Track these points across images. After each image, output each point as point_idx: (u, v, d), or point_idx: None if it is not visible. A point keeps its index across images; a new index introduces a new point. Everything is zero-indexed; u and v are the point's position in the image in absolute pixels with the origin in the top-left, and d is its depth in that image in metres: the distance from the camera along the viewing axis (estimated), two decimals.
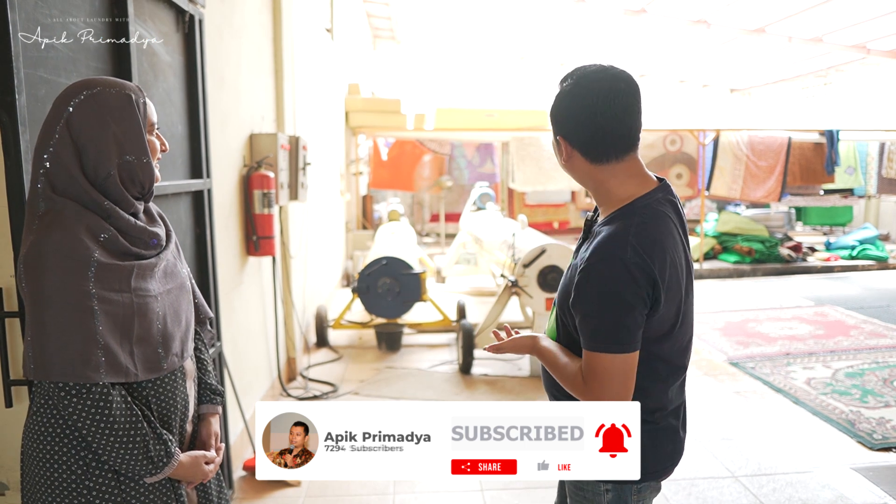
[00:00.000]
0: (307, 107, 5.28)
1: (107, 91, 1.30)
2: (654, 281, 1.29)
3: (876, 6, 8.54)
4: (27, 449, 1.29)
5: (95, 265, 1.22)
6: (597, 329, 1.30)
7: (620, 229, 1.31)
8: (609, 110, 1.32)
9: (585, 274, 1.30)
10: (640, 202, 1.36)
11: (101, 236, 1.25)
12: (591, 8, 9.64)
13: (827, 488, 3.04)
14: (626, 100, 1.33)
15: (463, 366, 4.67)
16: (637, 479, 1.32)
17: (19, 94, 1.47)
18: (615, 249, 1.28)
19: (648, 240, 1.30)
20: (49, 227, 1.22)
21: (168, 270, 1.41)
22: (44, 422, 1.27)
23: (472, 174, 10.87)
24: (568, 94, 1.35)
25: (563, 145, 1.38)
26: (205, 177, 2.67)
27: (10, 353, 1.59)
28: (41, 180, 1.26)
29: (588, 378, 1.32)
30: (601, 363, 1.29)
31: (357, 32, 10.25)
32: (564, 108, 1.36)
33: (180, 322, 1.42)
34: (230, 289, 3.27)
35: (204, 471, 1.43)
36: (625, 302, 1.27)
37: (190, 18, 2.55)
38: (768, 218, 9.87)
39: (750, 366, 4.86)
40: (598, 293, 1.29)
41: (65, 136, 1.26)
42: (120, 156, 1.30)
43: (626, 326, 1.28)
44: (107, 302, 1.23)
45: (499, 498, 3.00)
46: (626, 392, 1.31)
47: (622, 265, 1.27)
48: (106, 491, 1.29)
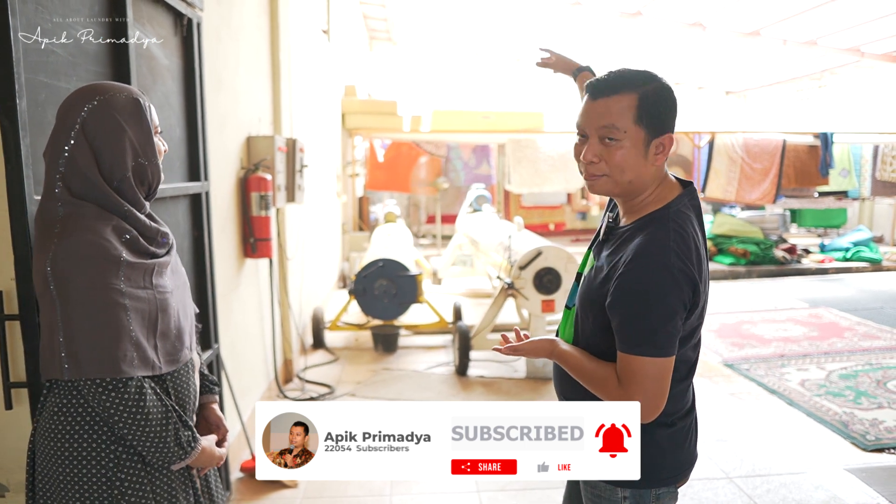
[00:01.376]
0: (304, 109, 5.29)
1: (118, 96, 1.34)
2: (694, 286, 1.30)
3: (870, 10, 8.60)
4: (45, 450, 1.31)
5: (124, 264, 1.27)
6: (638, 332, 1.29)
7: (660, 235, 1.30)
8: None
9: (628, 279, 1.29)
10: (672, 207, 1.36)
11: (125, 237, 1.31)
12: (586, 10, 9.67)
13: (820, 489, 3.07)
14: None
15: (459, 367, 4.69)
16: (637, 478, 1.33)
17: (20, 98, 1.48)
18: (659, 255, 1.28)
19: (686, 245, 1.30)
20: (75, 229, 1.26)
21: (174, 268, 1.47)
22: (68, 420, 1.29)
23: (468, 176, 10.88)
24: (668, 88, 1.33)
25: (667, 143, 1.34)
26: (202, 179, 2.68)
27: (10, 356, 1.60)
28: (58, 185, 1.29)
29: (626, 381, 1.30)
30: (641, 366, 1.29)
31: (353, 34, 10.26)
32: (671, 103, 1.33)
33: (188, 316, 1.50)
34: (228, 291, 3.28)
35: (219, 454, 1.50)
36: (668, 307, 1.27)
37: (188, 22, 2.56)
38: (763, 220, 9.91)
39: (744, 367, 4.88)
40: (641, 297, 1.28)
41: (81, 141, 1.30)
42: (134, 158, 1.35)
43: (668, 331, 1.28)
44: (135, 299, 1.29)
45: (495, 499, 3.02)
46: (663, 396, 1.31)
47: (667, 270, 1.27)
48: (136, 482, 1.34)
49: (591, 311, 1.40)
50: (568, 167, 9.05)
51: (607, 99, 1.31)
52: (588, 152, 1.35)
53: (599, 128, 1.32)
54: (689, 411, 1.47)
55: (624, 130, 1.30)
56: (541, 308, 4.51)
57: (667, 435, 1.42)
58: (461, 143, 10.48)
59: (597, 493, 1.48)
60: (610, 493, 1.45)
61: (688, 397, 1.46)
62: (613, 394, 1.33)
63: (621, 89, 1.31)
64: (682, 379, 1.42)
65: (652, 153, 1.33)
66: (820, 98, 12.80)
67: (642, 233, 1.33)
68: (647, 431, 1.40)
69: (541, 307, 4.51)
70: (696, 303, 1.33)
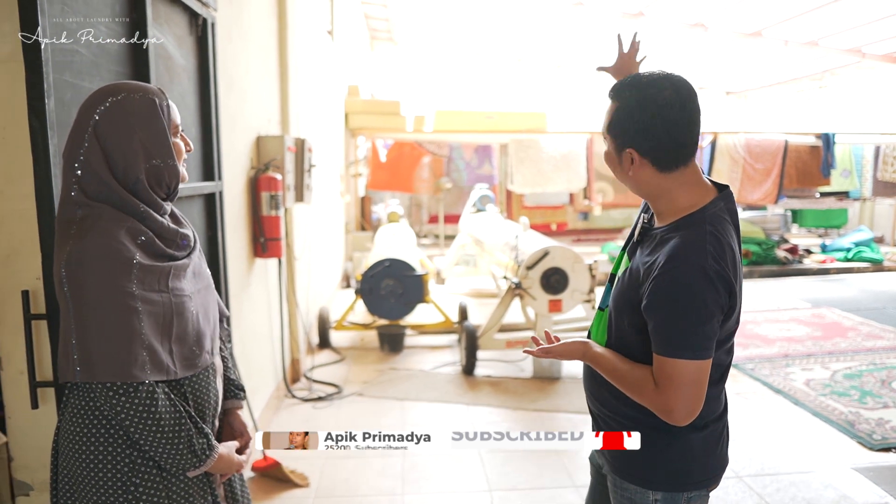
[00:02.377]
0: (310, 109, 5.30)
1: (131, 97, 1.33)
2: (731, 289, 1.31)
3: (871, 10, 8.62)
4: (67, 451, 1.31)
5: (137, 267, 1.25)
6: (676, 334, 1.29)
7: (696, 237, 1.31)
8: (680, 117, 1.33)
9: (665, 281, 1.29)
10: (708, 210, 1.36)
11: (140, 239, 1.29)
12: (588, 10, 9.69)
13: (830, 488, 3.08)
14: (692, 105, 1.35)
15: (466, 367, 4.70)
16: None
17: (48, 98, 1.49)
18: (696, 257, 1.28)
19: (722, 248, 1.31)
20: (90, 231, 1.25)
21: (196, 270, 1.45)
22: (86, 423, 1.29)
23: (470, 176, 10.89)
24: (636, 105, 1.34)
25: (633, 156, 1.36)
26: (217, 179, 2.69)
27: (37, 356, 1.60)
28: (74, 188, 1.29)
29: (663, 384, 1.30)
30: (678, 369, 1.28)
31: (356, 34, 10.26)
32: (633, 119, 1.34)
33: (209, 320, 1.47)
34: (239, 290, 3.28)
35: (239, 461, 1.48)
36: (706, 309, 1.27)
37: (203, 22, 2.57)
38: (765, 220, 9.94)
39: (749, 367, 4.90)
40: (678, 299, 1.28)
41: (93, 144, 1.29)
42: (147, 160, 1.33)
43: (705, 333, 1.28)
44: (149, 302, 1.27)
45: (506, 498, 3.03)
46: (700, 398, 1.31)
47: (703, 273, 1.27)
48: (151, 487, 1.32)
49: (626, 313, 1.40)
50: (570, 167, 9.06)
51: (609, 104, 1.40)
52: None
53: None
54: (721, 415, 1.47)
55: (604, 136, 1.41)
56: (548, 308, 4.52)
57: (700, 438, 1.42)
58: (463, 143, 10.49)
59: (627, 495, 1.47)
60: (641, 496, 1.45)
61: (721, 401, 1.47)
62: (649, 397, 1.32)
63: (612, 96, 1.39)
64: (716, 383, 1.42)
65: (626, 164, 1.38)
66: (821, 99, 12.83)
67: (678, 235, 1.33)
68: (680, 435, 1.41)
69: (548, 307, 4.52)
70: (733, 306, 1.33)
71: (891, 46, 10.17)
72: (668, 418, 1.31)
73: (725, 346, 1.41)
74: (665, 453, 1.42)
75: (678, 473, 1.42)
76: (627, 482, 1.47)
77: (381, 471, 3.28)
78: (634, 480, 1.45)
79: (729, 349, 1.43)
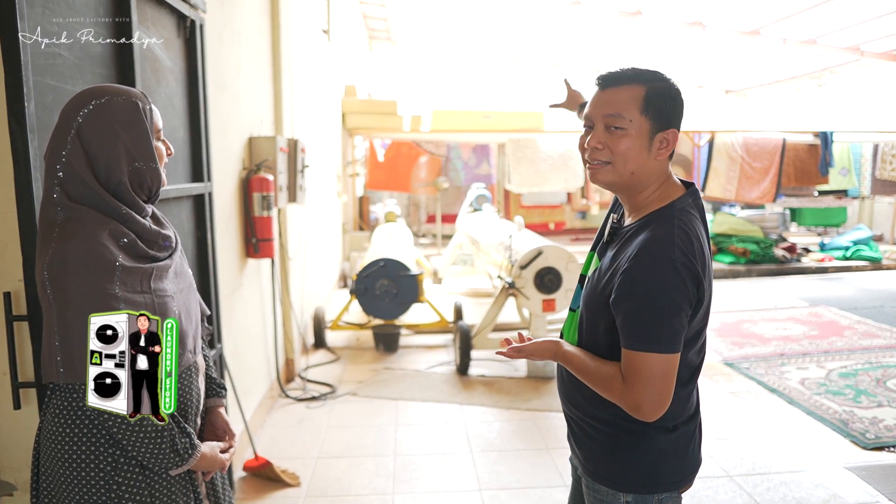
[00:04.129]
0: (305, 109, 5.31)
1: (114, 100, 1.34)
2: (698, 282, 1.30)
3: (869, 9, 8.61)
4: (49, 451, 1.32)
5: (120, 269, 1.26)
6: (643, 328, 1.27)
7: (664, 231, 1.31)
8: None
9: (632, 274, 1.28)
10: (677, 205, 1.37)
11: (122, 241, 1.30)
12: (586, 10, 9.69)
13: (820, 487, 3.08)
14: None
15: (460, 367, 4.70)
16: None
17: (28, 101, 1.49)
18: (663, 250, 1.28)
19: (690, 242, 1.31)
20: (72, 234, 1.26)
21: (178, 271, 1.46)
22: (68, 423, 1.30)
23: (468, 175, 10.90)
24: (676, 86, 1.36)
25: (671, 138, 1.35)
26: (206, 180, 2.69)
27: (19, 356, 1.61)
28: (56, 190, 1.29)
29: (631, 378, 1.29)
30: (646, 363, 1.27)
31: (353, 34, 10.27)
32: (673, 101, 1.35)
33: (191, 320, 1.48)
34: (230, 291, 3.29)
35: (221, 460, 1.49)
36: (673, 302, 1.26)
37: (191, 24, 2.57)
38: (763, 219, 9.93)
39: (745, 366, 4.90)
40: (646, 293, 1.27)
41: (76, 146, 1.30)
42: (130, 163, 1.34)
43: (673, 327, 1.27)
44: (132, 304, 1.27)
45: (497, 497, 3.03)
46: (668, 393, 1.29)
47: (671, 266, 1.26)
48: (134, 486, 1.34)
49: (599, 312, 1.38)
50: (568, 167, 9.07)
51: (616, 89, 1.34)
52: (593, 138, 1.37)
53: (606, 116, 1.34)
54: (692, 416, 1.46)
55: (630, 119, 1.32)
56: (541, 307, 4.53)
57: (669, 440, 1.41)
58: (461, 142, 10.50)
59: (599, 497, 1.47)
60: (612, 498, 1.45)
61: (691, 402, 1.45)
62: (618, 392, 1.31)
63: (630, 81, 1.34)
64: (685, 383, 1.41)
65: (655, 147, 1.35)
66: (820, 97, 12.81)
67: (646, 230, 1.33)
68: (649, 436, 1.40)
69: (541, 306, 4.52)
70: (701, 300, 1.32)
71: (889, 44, 10.16)
72: (637, 413, 1.30)
73: (695, 345, 1.40)
74: (635, 455, 1.41)
75: (649, 475, 1.42)
76: (599, 484, 1.46)
77: (372, 470, 3.29)
78: (605, 482, 1.45)
79: (699, 349, 1.43)
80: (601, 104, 1.35)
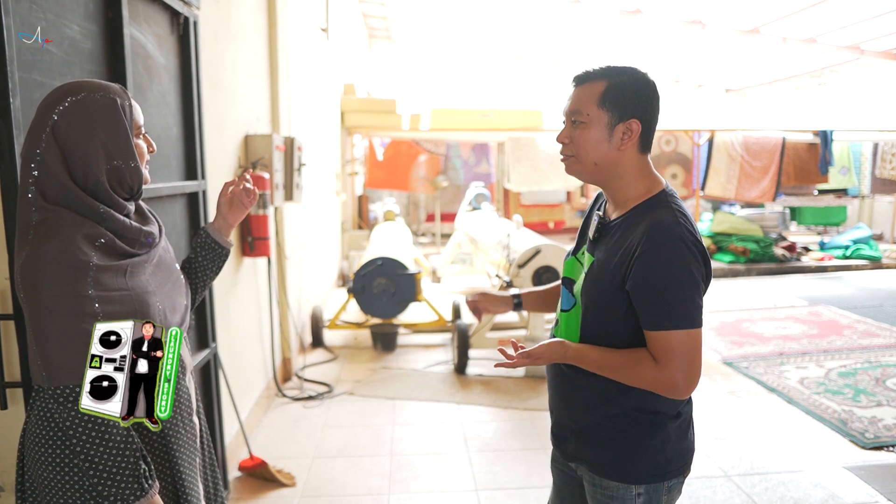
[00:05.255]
0: (303, 107, 5.28)
1: (91, 96, 1.29)
2: (706, 259, 1.35)
3: (869, 7, 8.59)
4: (33, 454, 1.29)
5: (94, 269, 1.22)
6: (668, 307, 1.30)
7: (667, 214, 1.35)
8: (659, 104, 1.43)
9: (647, 258, 1.31)
10: (663, 195, 1.41)
11: (98, 241, 1.25)
12: (586, 8, 9.66)
13: (819, 487, 3.06)
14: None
15: (458, 366, 4.68)
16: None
17: (13, 97, 1.47)
18: (672, 231, 1.32)
19: (691, 222, 1.37)
20: (45, 236, 1.22)
21: (160, 264, 1.41)
22: (51, 426, 1.27)
23: (467, 174, 10.88)
24: (642, 80, 1.39)
25: (633, 128, 1.38)
26: (200, 178, 2.67)
27: (6, 356, 1.59)
28: (31, 189, 1.25)
29: (664, 358, 1.30)
30: (677, 340, 1.29)
31: (353, 32, 10.24)
32: (635, 93, 1.38)
33: (177, 314, 1.44)
34: (226, 290, 3.27)
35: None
36: (693, 278, 1.31)
37: (185, 20, 2.55)
38: (763, 218, 9.91)
39: (744, 365, 4.88)
40: (665, 273, 1.30)
41: (51, 144, 1.25)
42: (108, 161, 1.29)
43: (695, 302, 1.31)
44: (107, 302, 1.23)
45: (493, 498, 3.01)
46: (699, 367, 1.32)
47: (683, 244, 1.31)
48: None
49: (609, 304, 1.38)
50: None
51: (581, 87, 1.42)
52: (561, 134, 1.46)
53: (570, 112, 1.43)
54: (689, 399, 1.48)
55: (587, 113, 1.39)
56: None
57: (675, 427, 1.43)
58: (460, 141, 10.48)
59: (608, 493, 1.45)
60: (624, 492, 1.43)
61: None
62: (651, 375, 1.32)
63: (594, 78, 1.40)
64: None
65: (617, 137, 1.39)
66: (819, 96, 12.79)
67: (645, 217, 1.36)
68: (660, 425, 1.41)
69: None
70: (709, 277, 1.36)
71: (889, 43, 10.13)
72: (672, 392, 1.31)
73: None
74: (647, 445, 1.41)
75: (658, 464, 1.42)
76: (609, 480, 1.44)
77: (368, 470, 3.27)
78: (616, 477, 1.43)
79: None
80: (569, 102, 1.44)
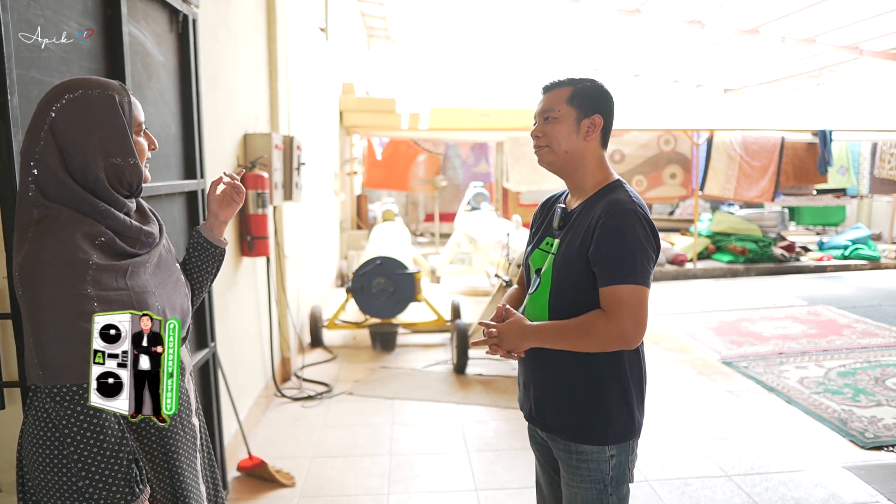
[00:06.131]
0: (301, 107, 5.27)
1: (89, 93, 1.28)
2: (655, 233, 1.55)
3: (868, 7, 8.59)
4: (30, 454, 1.28)
5: (93, 268, 1.21)
6: (622, 264, 1.48)
7: (622, 194, 1.57)
8: (614, 107, 1.68)
9: (607, 226, 1.50)
10: (619, 182, 1.65)
11: (98, 240, 1.24)
12: (585, 8, 9.66)
13: (819, 487, 3.06)
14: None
15: (458, 366, 4.67)
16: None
17: (11, 94, 1.46)
18: (627, 207, 1.53)
19: (643, 204, 1.58)
20: (45, 234, 1.21)
21: (160, 264, 1.40)
22: (48, 426, 1.25)
23: (466, 174, 10.87)
24: (601, 86, 1.66)
25: (597, 122, 1.62)
26: (199, 177, 2.66)
27: (3, 355, 1.58)
28: (31, 187, 1.24)
29: (614, 310, 1.47)
30: (628, 293, 1.46)
31: (352, 32, 10.23)
32: (599, 95, 1.63)
33: (177, 313, 1.42)
34: (224, 289, 3.26)
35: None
36: (643, 245, 1.50)
37: (184, 18, 2.54)
38: (762, 218, 9.91)
39: (743, 365, 4.88)
40: (621, 236, 1.49)
41: (49, 142, 1.25)
42: (106, 159, 1.29)
43: (644, 266, 1.50)
44: (106, 302, 1.22)
45: (493, 497, 3.01)
46: (646, 320, 1.49)
47: (636, 217, 1.52)
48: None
49: (571, 276, 1.56)
50: None
51: (551, 92, 1.66)
52: (534, 130, 1.69)
53: (542, 111, 1.66)
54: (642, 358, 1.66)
55: (559, 110, 1.63)
56: None
57: (638, 390, 1.61)
58: (459, 140, 10.46)
59: (583, 457, 1.59)
60: (598, 454, 1.58)
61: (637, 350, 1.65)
62: (601, 330, 1.47)
63: (561, 85, 1.66)
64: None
65: (584, 130, 1.63)
66: (818, 95, 12.79)
67: (604, 198, 1.58)
68: (627, 384, 1.58)
69: None
70: (657, 247, 1.55)
71: (888, 43, 10.14)
72: (622, 342, 1.47)
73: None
74: (618, 406, 1.57)
75: (626, 423, 1.59)
76: (583, 444, 1.58)
77: (367, 470, 3.26)
78: (590, 440, 1.57)
79: None
80: (541, 104, 1.67)
